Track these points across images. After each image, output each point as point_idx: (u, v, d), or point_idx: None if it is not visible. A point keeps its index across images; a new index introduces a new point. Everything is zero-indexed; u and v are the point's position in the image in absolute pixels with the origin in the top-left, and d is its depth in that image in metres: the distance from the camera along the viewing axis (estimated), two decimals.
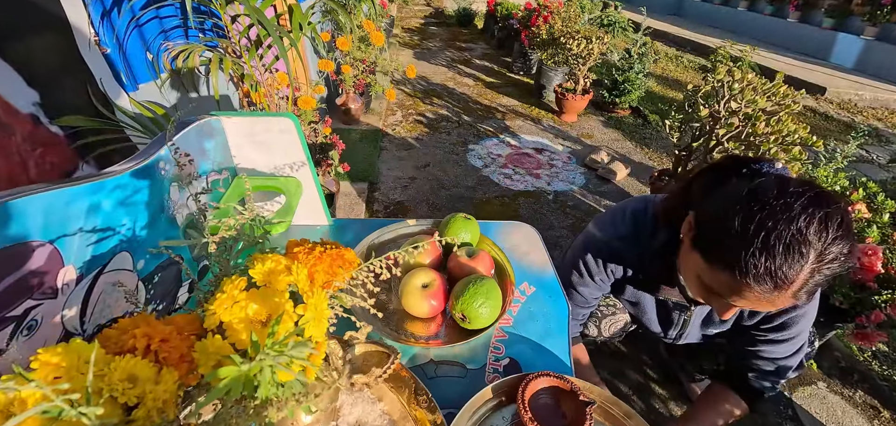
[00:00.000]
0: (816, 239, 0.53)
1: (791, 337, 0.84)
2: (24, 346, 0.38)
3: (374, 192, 2.35)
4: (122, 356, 0.31)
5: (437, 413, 0.48)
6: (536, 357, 0.62)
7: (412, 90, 3.91)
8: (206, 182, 0.70)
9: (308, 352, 0.35)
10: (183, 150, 0.61)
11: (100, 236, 0.46)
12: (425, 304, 0.64)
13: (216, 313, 0.34)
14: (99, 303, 0.46)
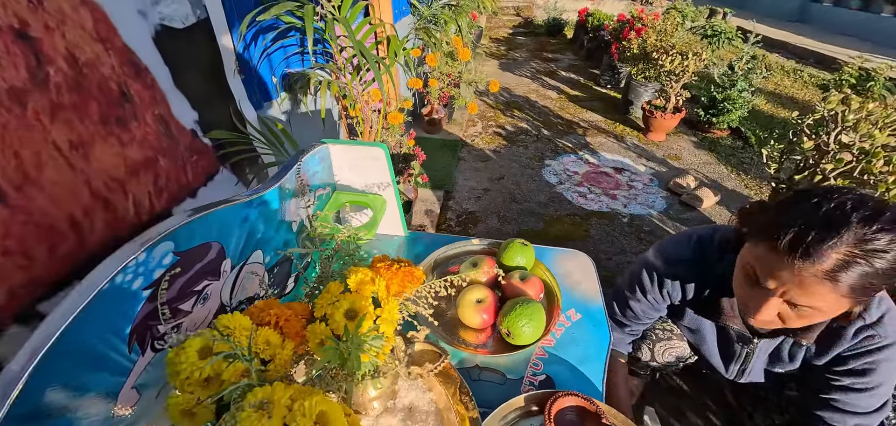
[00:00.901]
0: (858, 221, 0.53)
1: (871, 386, 0.73)
2: (199, 311, 0.56)
3: (448, 201, 2.50)
4: (262, 327, 0.47)
5: (475, 410, 0.59)
6: (571, 378, 0.69)
7: (494, 101, 4.02)
8: (314, 196, 0.88)
9: (382, 343, 0.48)
10: (303, 171, 0.80)
11: (246, 238, 0.64)
12: (477, 317, 0.75)
13: (322, 307, 0.48)
14: (241, 285, 0.64)
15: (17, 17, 0.77)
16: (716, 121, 3.43)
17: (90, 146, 0.90)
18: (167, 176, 1.09)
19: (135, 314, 0.46)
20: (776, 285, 0.60)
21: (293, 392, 0.39)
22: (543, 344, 0.75)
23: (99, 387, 0.43)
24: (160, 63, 1.07)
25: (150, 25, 1.05)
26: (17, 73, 0.77)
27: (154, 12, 1.05)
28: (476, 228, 2.26)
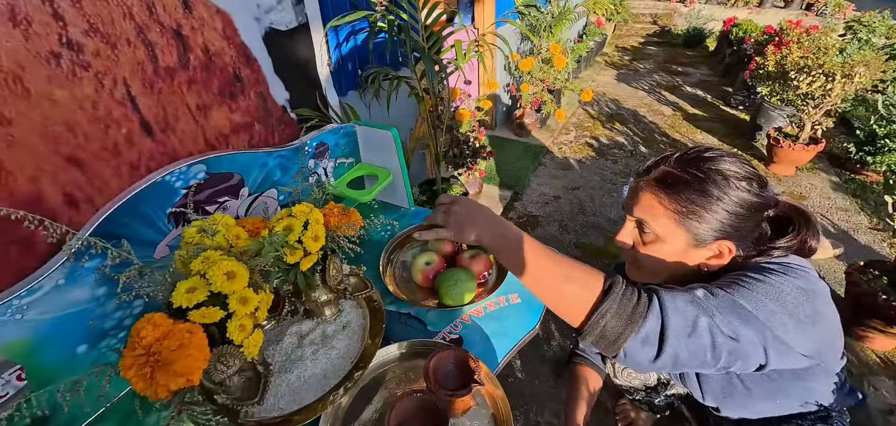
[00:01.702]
0: (692, 154, 0.68)
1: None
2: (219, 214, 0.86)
3: (515, 201, 2.61)
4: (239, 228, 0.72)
5: (380, 336, 0.77)
6: (480, 345, 0.82)
7: (596, 111, 3.91)
8: (334, 161, 1.14)
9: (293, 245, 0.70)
10: (325, 142, 1.06)
11: (264, 177, 0.92)
12: (421, 276, 0.92)
13: (273, 222, 0.72)
14: (254, 209, 0.92)
15: (175, 22, 1.18)
16: (871, 160, 2.81)
17: (209, 110, 1.31)
18: (259, 137, 1.48)
19: (174, 201, 0.76)
20: (630, 205, 0.70)
21: (226, 261, 0.63)
22: (472, 313, 0.88)
23: (147, 236, 0.74)
24: (265, 55, 1.46)
25: (262, 28, 1.43)
26: (171, 57, 1.19)
27: (266, 19, 1.44)
28: (532, 232, 2.33)
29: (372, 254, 1.01)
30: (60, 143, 0.98)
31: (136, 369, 0.53)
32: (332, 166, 1.15)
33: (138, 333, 0.54)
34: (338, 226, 0.77)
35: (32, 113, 0.93)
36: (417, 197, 2.20)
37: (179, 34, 1.19)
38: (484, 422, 0.68)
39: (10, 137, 0.90)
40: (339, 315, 0.85)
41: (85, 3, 0.99)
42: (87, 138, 1.03)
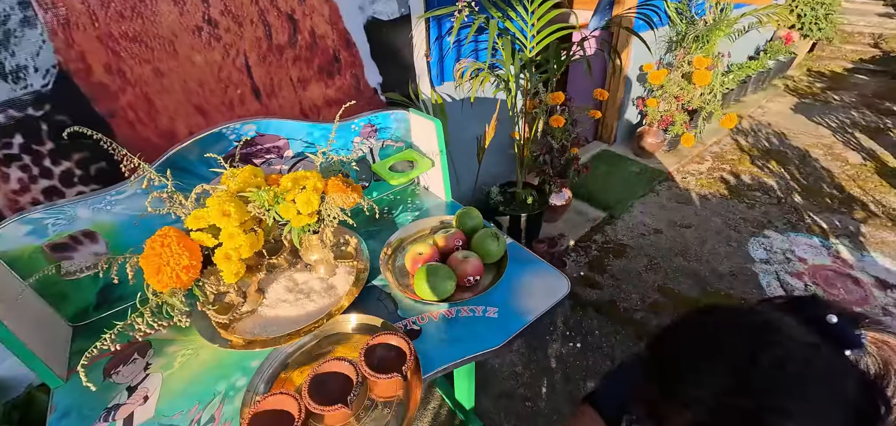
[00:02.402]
0: None
1: None
2: (265, 168, 1.07)
3: (606, 225, 2.41)
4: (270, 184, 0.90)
5: (347, 304, 0.87)
6: (432, 346, 0.84)
7: (749, 143, 3.28)
8: (381, 142, 1.27)
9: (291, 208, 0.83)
10: (373, 123, 1.19)
11: (307, 144, 1.10)
12: (410, 261, 0.98)
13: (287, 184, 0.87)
14: (295, 169, 1.10)
15: (290, 8, 1.44)
16: None
17: (308, 84, 1.56)
18: (348, 114, 1.70)
19: (227, 149, 0.98)
20: None
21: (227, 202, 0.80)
22: (443, 311, 0.91)
23: (202, 172, 0.97)
24: (364, 41, 1.66)
25: (364, 17, 1.63)
26: (283, 37, 1.45)
27: (369, 8, 1.63)
28: (611, 262, 2.14)
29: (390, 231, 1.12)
30: (192, 95, 1.31)
31: (148, 261, 0.73)
32: (379, 146, 1.28)
33: (154, 238, 0.74)
34: (334, 197, 0.88)
35: (178, 70, 1.26)
36: (491, 197, 2.22)
37: (292, 18, 1.44)
38: (390, 418, 0.73)
39: (162, 86, 1.25)
40: (334, 276, 0.97)
41: None
42: (211, 93, 1.35)
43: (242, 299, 0.87)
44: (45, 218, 0.85)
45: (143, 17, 1.15)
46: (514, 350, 1.73)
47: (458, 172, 2.10)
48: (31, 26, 1.02)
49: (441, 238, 1.03)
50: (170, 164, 0.92)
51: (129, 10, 1.13)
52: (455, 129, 2.05)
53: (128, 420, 0.75)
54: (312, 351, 0.83)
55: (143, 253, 0.74)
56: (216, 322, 0.83)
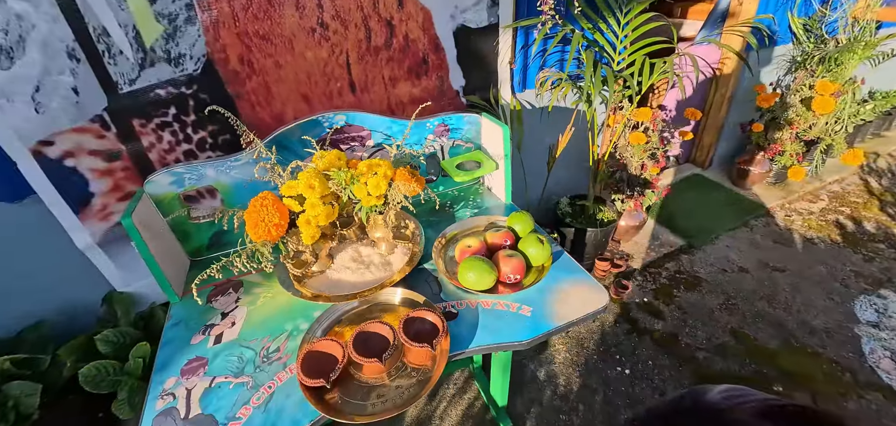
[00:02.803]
0: None
1: None
2: (349, 152, 1.25)
3: (682, 253, 2.27)
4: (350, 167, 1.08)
5: (398, 279, 1.00)
6: (464, 331, 0.93)
7: (884, 187, 2.81)
8: (451, 141, 1.39)
9: (363, 189, 0.99)
10: (446, 123, 1.32)
11: (386, 135, 1.25)
12: (458, 251, 1.09)
13: (362, 168, 1.04)
14: (373, 156, 1.27)
15: (389, 14, 1.62)
16: None
17: (397, 82, 1.74)
18: (429, 112, 1.85)
19: (321, 134, 1.17)
20: None
21: (314, 177, 0.98)
22: (480, 301, 1.00)
23: (297, 150, 1.17)
24: (452, 46, 1.79)
25: (454, 24, 1.76)
26: (380, 39, 1.64)
27: (460, 17, 1.75)
28: (681, 293, 2.02)
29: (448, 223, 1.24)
30: (301, 85, 1.55)
31: (250, 216, 0.93)
32: (450, 145, 1.40)
33: (251, 203, 0.94)
34: (400, 185, 1.02)
35: (293, 64, 1.51)
36: (560, 207, 2.22)
37: (390, 23, 1.62)
38: (414, 383, 0.84)
39: (279, 76, 1.50)
40: (392, 254, 1.12)
41: (337, 0, 1.49)
42: (315, 85, 1.58)
43: (314, 259, 1.05)
44: (184, 173, 1.11)
45: (271, 19, 1.40)
46: (558, 362, 1.75)
47: (527, 178, 2.14)
48: (191, 24, 1.31)
49: (491, 235, 1.12)
50: (275, 141, 1.13)
51: (262, 13, 1.38)
52: (530, 136, 2.10)
53: (218, 337, 0.96)
54: (363, 314, 0.98)
55: (247, 209, 0.95)
56: (292, 274, 1.02)
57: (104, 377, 1.40)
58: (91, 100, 1.30)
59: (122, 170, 1.43)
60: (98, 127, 1.34)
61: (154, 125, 1.40)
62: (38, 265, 1.49)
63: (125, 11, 1.23)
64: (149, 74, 1.33)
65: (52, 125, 1.29)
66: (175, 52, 1.33)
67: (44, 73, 1.23)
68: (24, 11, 1.15)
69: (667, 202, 2.69)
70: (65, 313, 1.61)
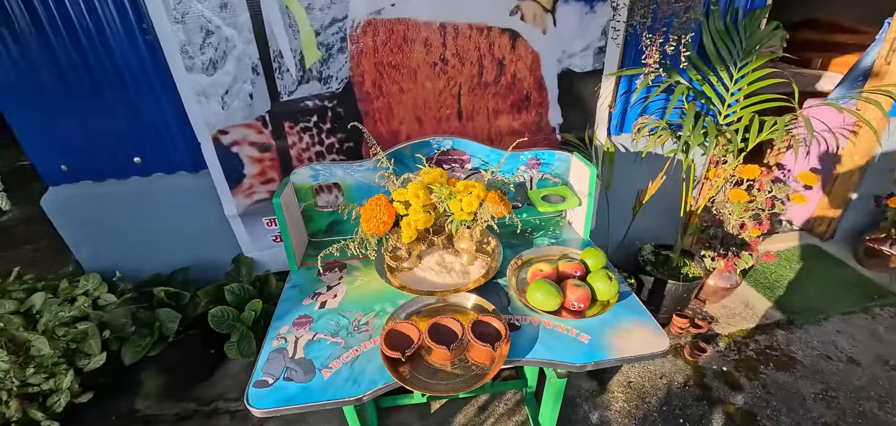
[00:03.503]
0: None
1: None
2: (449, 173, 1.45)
3: (777, 328, 2.09)
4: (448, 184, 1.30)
5: (473, 288, 1.17)
6: (523, 344, 1.05)
7: None
8: (541, 174, 1.53)
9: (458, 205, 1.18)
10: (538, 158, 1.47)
11: (483, 161, 1.44)
12: (530, 273, 1.22)
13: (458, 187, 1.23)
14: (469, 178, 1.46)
15: (502, 55, 1.81)
16: None
17: (499, 114, 1.92)
18: (525, 145, 2.00)
19: (430, 154, 1.40)
20: None
21: (419, 188, 1.20)
22: (543, 320, 1.12)
23: (410, 164, 1.41)
24: (554, 87, 1.92)
25: (560, 67, 1.89)
26: (490, 76, 1.84)
27: (566, 61, 1.89)
28: (769, 371, 1.86)
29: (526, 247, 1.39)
30: (417, 109, 1.82)
31: (365, 213, 1.18)
32: (538, 177, 1.54)
33: (367, 202, 1.19)
34: (489, 206, 1.20)
35: (413, 90, 1.78)
36: (642, 254, 2.20)
37: (501, 63, 1.82)
38: (471, 375, 0.99)
39: (401, 100, 1.78)
40: (472, 265, 1.29)
41: (459, 40, 1.73)
42: (429, 110, 1.83)
43: (407, 256, 1.27)
44: (320, 170, 1.42)
45: (403, 53, 1.69)
46: (614, 409, 1.75)
47: (612, 218, 2.17)
48: (342, 53, 1.64)
49: (563, 264, 1.24)
50: (394, 155, 1.38)
51: (396, 48, 1.67)
52: (620, 179, 2.14)
53: (322, 303, 1.22)
54: (439, 310, 1.16)
55: (364, 205, 1.20)
56: (387, 264, 1.25)
57: (225, 320, 1.77)
58: (260, 104, 1.70)
59: (269, 160, 1.81)
60: (259, 125, 1.74)
61: (299, 128, 1.76)
62: (197, 224, 1.95)
63: (297, 40, 1.59)
64: (303, 89, 1.69)
65: (229, 119, 1.70)
66: (325, 74, 1.67)
67: (233, 81, 1.64)
68: (231, 35, 1.56)
69: (769, 269, 2.48)
70: (204, 264, 2.05)
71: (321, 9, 1.56)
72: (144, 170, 1.84)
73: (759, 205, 2.03)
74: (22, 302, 1.67)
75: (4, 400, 1.50)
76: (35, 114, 1.64)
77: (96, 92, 1.63)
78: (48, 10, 1.47)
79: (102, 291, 1.80)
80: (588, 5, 1.76)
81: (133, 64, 1.60)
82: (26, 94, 1.59)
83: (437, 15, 1.65)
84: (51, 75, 1.57)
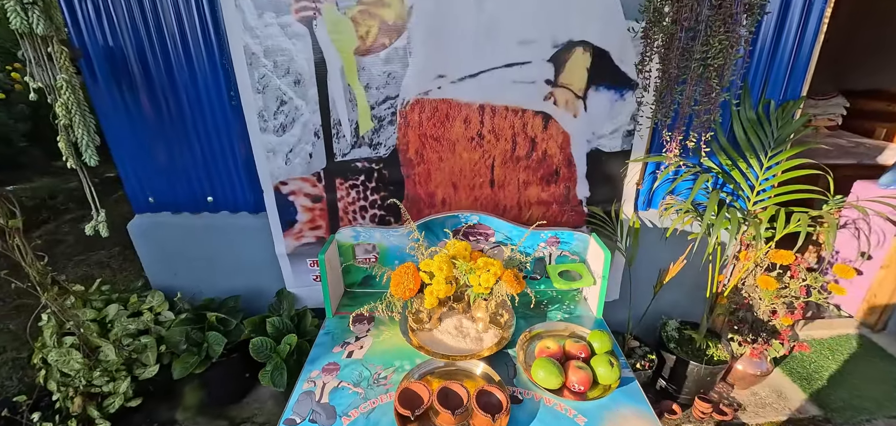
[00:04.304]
0: None
1: None
2: (474, 245, 1.60)
3: (810, 423, 1.99)
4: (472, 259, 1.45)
5: (482, 356, 1.29)
6: (525, 416, 1.15)
7: None
8: (559, 251, 1.64)
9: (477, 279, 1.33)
10: (556, 236, 1.59)
11: (506, 237, 1.58)
12: (537, 349, 1.33)
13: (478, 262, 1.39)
14: (491, 251, 1.59)
15: (534, 134, 1.97)
16: None
17: (529, 186, 2.06)
18: (551, 215, 2.12)
19: (457, 226, 1.56)
20: None
21: (443, 261, 1.36)
22: (545, 397, 1.22)
23: (440, 233, 1.58)
24: (583, 164, 2.04)
25: (589, 147, 2.01)
26: (522, 151, 1.99)
27: (595, 142, 2.01)
28: None
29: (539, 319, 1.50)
30: (453, 176, 2.00)
31: (395, 278, 1.35)
32: (557, 254, 1.65)
33: (398, 268, 1.36)
34: (504, 283, 1.33)
35: (451, 160, 1.97)
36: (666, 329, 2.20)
37: (533, 140, 1.98)
38: None
39: (439, 167, 1.97)
40: (486, 333, 1.42)
41: (495, 119, 1.91)
42: (464, 177, 2.01)
43: (428, 320, 1.42)
44: (361, 232, 1.62)
45: (444, 127, 1.89)
46: None
47: (636, 291, 2.21)
48: (391, 124, 1.87)
49: (570, 343, 1.34)
50: (424, 225, 1.57)
51: (439, 123, 1.88)
52: (647, 252, 2.18)
53: (350, 353, 1.38)
54: (451, 372, 1.30)
55: (394, 270, 1.38)
56: (410, 325, 1.40)
57: (263, 349, 1.98)
58: (317, 162, 1.95)
59: (319, 209, 2.05)
60: (314, 179, 1.98)
61: (348, 184, 1.99)
62: (250, 258, 2.21)
63: (354, 112, 1.84)
64: (355, 152, 1.93)
65: (290, 173, 1.97)
66: (375, 141, 1.90)
67: (298, 142, 1.91)
68: (300, 105, 1.84)
69: (807, 358, 2.38)
70: (253, 293, 2.30)
71: (377, 88, 1.81)
72: (214, 207, 2.15)
73: (793, 292, 2.00)
74: (99, 311, 1.97)
75: (71, 396, 1.78)
76: (136, 152, 2.00)
77: (187, 141, 1.96)
78: (161, 75, 1.82)
79: (163, 309, 2.08)
80: (618, 93, 1.89)
81: (220, 123, 1.92)
82: (132, 136, 1.94)
83: (477, 97, 1.85)
84: (155, 124, 1.92)
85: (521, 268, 1.40)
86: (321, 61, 1.76)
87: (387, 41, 1.74)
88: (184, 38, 1.78)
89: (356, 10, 1.69)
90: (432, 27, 1.72)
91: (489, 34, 1.74)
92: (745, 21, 1.44)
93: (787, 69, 1.92)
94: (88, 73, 1.83)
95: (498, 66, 1.81)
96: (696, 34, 1.47)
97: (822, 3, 1.78)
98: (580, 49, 1.80)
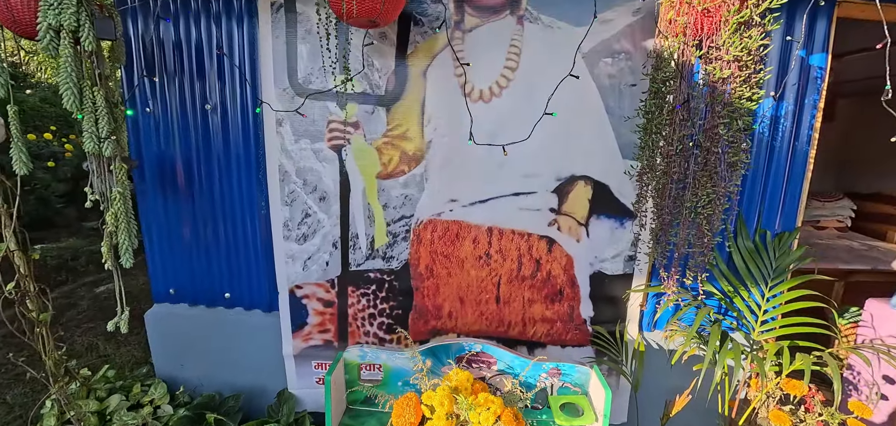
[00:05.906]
0: None
1: None
2: (475, 371, 1.63)
3: None
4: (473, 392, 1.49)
5: None
6: None
7: None
8: (561, 384, 1.67)
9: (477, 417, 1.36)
10: (557, 368, 1.63)
11: (508, 366, 1.62)
12: None
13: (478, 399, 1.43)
14: (492, 380, 1.63)
15: (539, 256, 2.07)
16: None
17: (533, 303, 2.12)
18: (556, 332, 2.16)
19: (460, 352, 1.61)
20: None
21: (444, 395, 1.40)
22: None
23: (445, 361, 1.62)
24: (586, 285, 2.11)
25: (592, 269, 2.09)
26: (527, 271, 2.08)
27: (597, 265, 2.09)
28: None
29: None
30: (460, 291, 2.08)
31: (397, 408, 1.39)
32: (559, 385, 1.67)
33: (400, 399, 1.40)
34: (503, 422, 1.35)
35: (459, 276, 2.06)
36: None
37: (538, 261, 2.07)
38: None
39: (447, 282, 2.06)
40: None
41: (502, 241, 2.02)
42: (470, 292, 2.09)
43: None
44: (368, 352, 1.67)
45: (454, 245, 2.00)
46: None
47: (641, 421, 2.17)
48: (405, 241, 1.99)
49: None
50: (429, 351, 1.62)
51: (449, 242, 1.99)
52: (652, 376, 2.16)
53: None
54: None
55: (397, 399, 1.41)
56: None
57: None
58: (333, 270, 2.06)
59: (330, 314, 2.12)
60: (328, 285, 2.08)
61: (359, 293, 2.08)
62: (257, 355, 2.24)
63: (372, 228, 1.98)
64: (369, 263, 2.03)
65: (307, 278, 2.07)
66: (389, 254, 2.02)
67: (316, 251, 2.02)
68: (323, 219, 1.98)
69: None
70: (255, 390, 2.30)
71: (395, 208, 1.95)
72: (229, 303, 2.23)
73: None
74: (102, 401, 2.00)
75: None
76: (167, 249, 2.12)
77: (216, 242, 2.10)
78: (202, 183, 2.00)
79: (164, 402, 2.09)
80: (618, 222, 2.01)
81: (248, 228, 2.07)
82: (167, 235, 2.08)
83: (486, 220, 1.98)
84: (189, 225, 2.06)
85: (521, 407, 1.43)
86: (346, 182, 1.93)
87: (406, 168, 1.91)
88: (227, 154, 1.98)
89: (381, 141, 1.88)
90: (447, 159, 1.90)
91: (498, 167, 1.90)
92: (729, 176, 1.56)
93: (780, 201, 1.99)
94: (138, 179, 2.02)
95: (506, 194, 1.96)
96: (685, 185, 1.59)
97: (806, 148, 1.90)
98: (582, 182, 1.95)
